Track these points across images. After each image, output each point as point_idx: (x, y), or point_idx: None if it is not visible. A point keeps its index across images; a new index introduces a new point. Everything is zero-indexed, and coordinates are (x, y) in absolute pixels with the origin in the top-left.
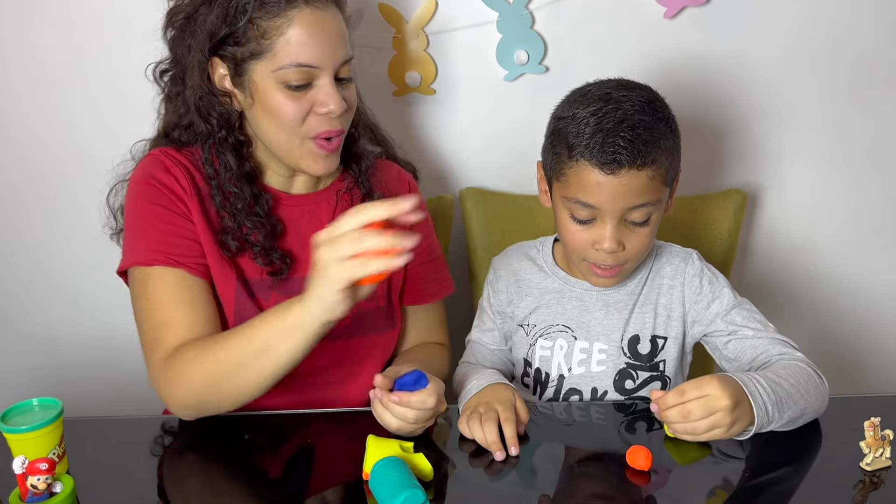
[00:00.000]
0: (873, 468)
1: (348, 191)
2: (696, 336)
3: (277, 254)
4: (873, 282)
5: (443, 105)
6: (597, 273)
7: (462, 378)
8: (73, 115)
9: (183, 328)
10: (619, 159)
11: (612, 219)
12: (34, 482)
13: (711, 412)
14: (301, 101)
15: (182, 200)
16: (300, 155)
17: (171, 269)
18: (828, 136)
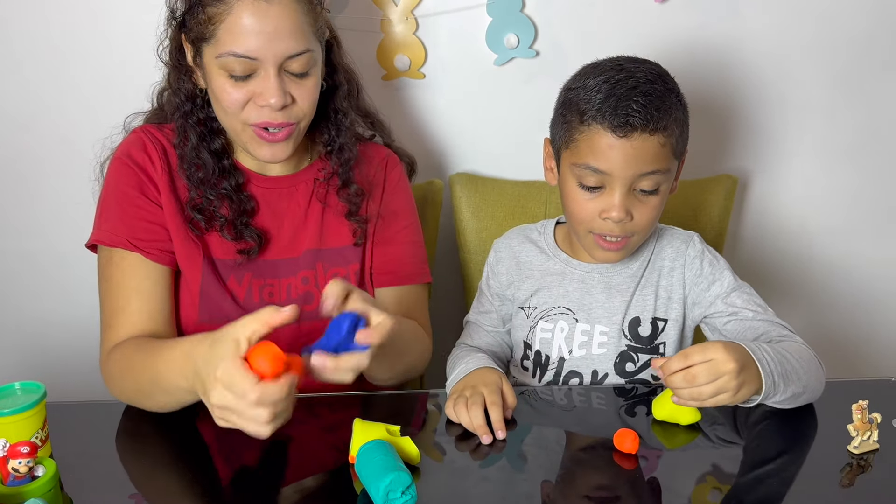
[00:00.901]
0: (861, 451)
1: (326, 180)
2: (696, 318)
3: (250, 231)
4: (863, 267)
5: (432, 89)
6: (603, 246)
7: (453, 362)
8: (57, 100)
9: (133, 317)
10: (632, 122)
11: (621, 186)
12: (15, 465)
13: (717, 376)
14: (241, 90)
15: (152, 181)
16: (245, 140)
17: (130, 252)
18: (819, 122)
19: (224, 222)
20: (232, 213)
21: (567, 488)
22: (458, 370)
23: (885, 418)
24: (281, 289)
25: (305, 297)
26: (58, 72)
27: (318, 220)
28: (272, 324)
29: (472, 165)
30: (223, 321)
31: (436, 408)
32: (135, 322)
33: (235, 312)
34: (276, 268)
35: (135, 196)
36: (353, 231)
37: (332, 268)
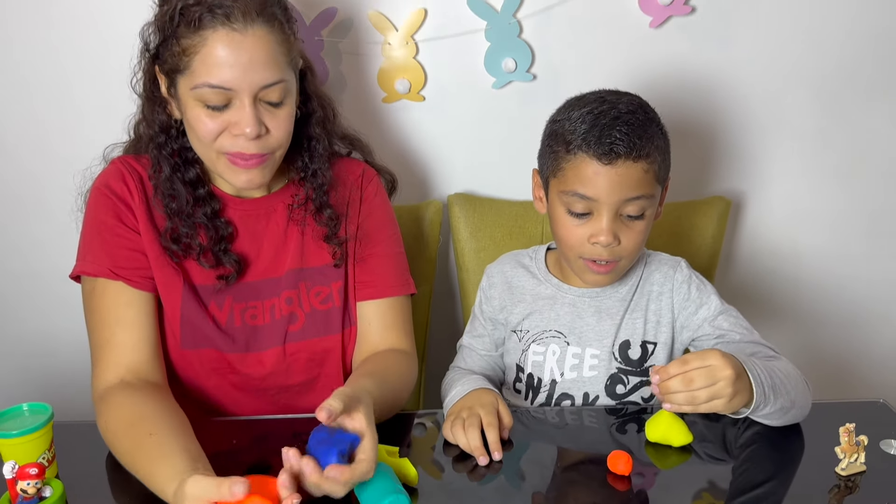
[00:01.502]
0: (848, 473)
1: (301, 206)
2: (684, 342)
3: (228, 257)
4: (853, 288)
5: (431, 112)
6: (593, 269)
7: (448, 384)
8: (61, 121)
9: (119, 350)
10: (616, 150)
11: (608, 211)
12: (24, 487)
13: (713, 381)
14: (216, 121)
15: (130, 210)
16: (220, 169)
17: (113, 282)
18: (810, 144)
19: (201, 250)
20: (209, 241)
21: None
22: (454, 392)
23: (873, 439)
24: (264, 310)
25: (290, 318)
26: (62, 94)
27: (297, 241)
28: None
29: (470, 186)
30: (206, 347)
31: (434, 425)
32: (120, 355)
33: (218, 337)
34: (257, 289)
35: (114, 225)
36: (331, 253)
37: (314, 286)
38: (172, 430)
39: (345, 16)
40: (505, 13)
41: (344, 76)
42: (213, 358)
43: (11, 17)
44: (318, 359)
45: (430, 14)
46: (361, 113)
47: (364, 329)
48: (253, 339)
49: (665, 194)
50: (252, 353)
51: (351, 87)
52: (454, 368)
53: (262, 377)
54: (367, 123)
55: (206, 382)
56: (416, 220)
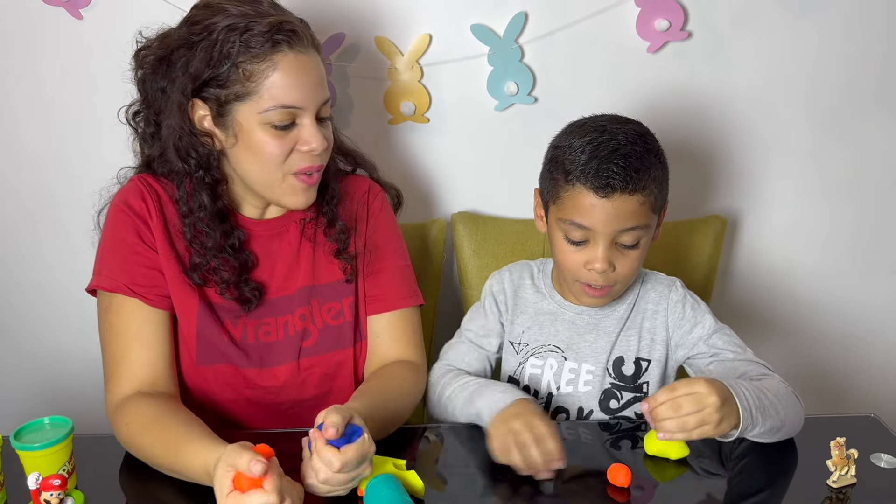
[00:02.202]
0: (839, 485)
1: (312, 220)
2: (679, 360)
3: (249, 286)
4: (849, 304)
5: (436, 133)
6: (588, 293)
7: (469, 391)
8: (75, 138)
9: (134, 366)
10: (612, 184)
11: (603, 240)
12: (47, 497)
13: (701, 407)
14: (284, 140)
15: (149, 228)
16: (282, 192)
17: (129, 298)
18: (805, 164)
19: (226, 286)
20: (233, 275)
21: None
22: (493, 399)
23: (864, 453)
24: (278, 327)
25: (304, 334)
26: (82, 113)
27: (309, 258)
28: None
29: (473, 205)
30: (222, 363)
31: (437, 438)
32: (136, 371)
33: (234, 353)
34: (271, 307)
35: (133, 242)
36: (342, 268)
37: (326, 302)
38: (197, 421)
39: (353, 41)
40: (507, 39)
41: (351, 99)
42: (228, 373)
43: (36, 35)
44: (331, 373)
45: (435, 39)
46: (368, 134)
47: (374, 342)
48: (267, 355)
49: (663, 217)
50: (267, 369)
51: (358, 109)
52: (454, 370)
53: (277, 391)
54: (373, 144)
55: (221, 397)
56: (420, 238)
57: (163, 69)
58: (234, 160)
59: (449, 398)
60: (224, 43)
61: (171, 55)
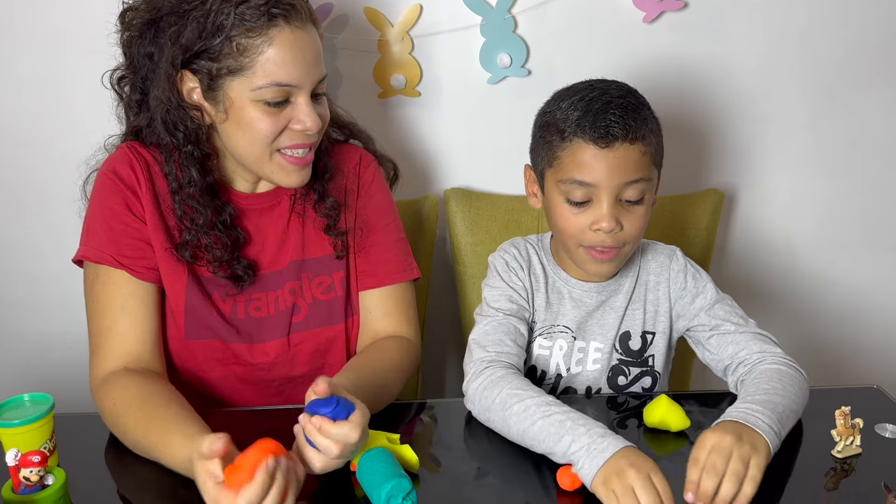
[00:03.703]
0: (844, 455)
1: (303, 195)
2: (679, 330)
3: (241, 264)
4: (847, 278)
5: (427, 107)
6: (595, 258)
7: (555, 421)
8: (54, 119)
9: (121, 339)
10: (612, 132)
11: (608, 196)
12: (27, 474)
13: (728, 455)
14: (277, 118)
15: (137, 197)
16: (271, 170)
17: (116, 270)
18: (802, 137)
19: (217, 264)
20: (225, 252)
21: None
22: (588, 443)
23: (868, 424)
24: (269, 303)
25: (294, 309)
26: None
27: (298, 232)
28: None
29: (466, 181)
30: (211, 338)
31: (431, 419)
32: (123, 345)
33: (223, 328)
34: (262, 282)
35: (120, 212)
36: (332, 244)
37: (316, 277)
38: (183, 406)
39: (341, 12)
40: (500, 9)
41: (340, 72)
42: (217, 349)
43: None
44: (323, 349)
45: (426, 10)
46: (357, 108)
47: (366, 318)
48: (256, 331)
49: (659, 182)
50: (256, 345)
51: (347, 82)
52: (512, 374)
53: (267, 368)
54: (363, 119)
55: (210, 374)
56: (412, 215)
57: (150, 34)
58: (224, 135)
59: (519, 416)
60: (217, 14)
61: (159, 21)
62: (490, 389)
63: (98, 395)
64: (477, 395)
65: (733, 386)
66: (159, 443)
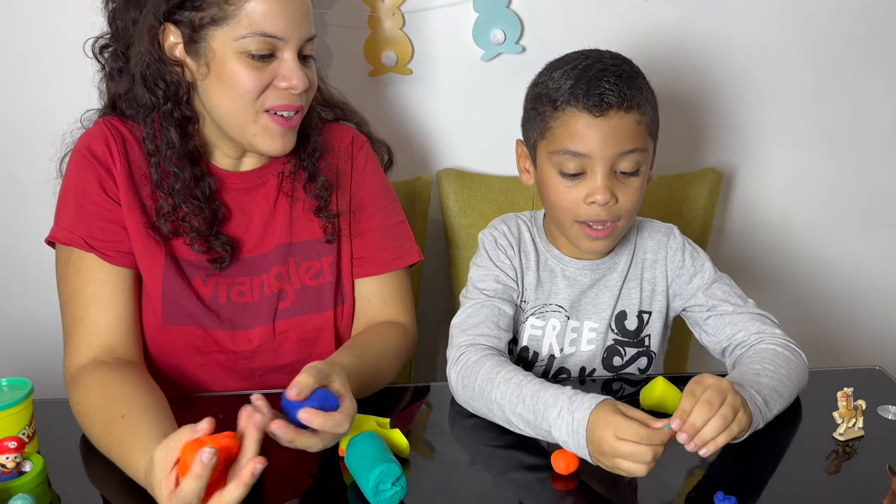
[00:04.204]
0: (846, 438)
1: (292, 174)
2: (676, 310)
3: (220, 241)
4: (846, 259)
5: (419, 85)
6: (590, 234)
7: (530, 393)
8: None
9: (93, 329)
10: (607, 100)
11: (602, 167)
12: (2, 461)
13: (723, 398)
14: (262, 73)
15: (112, 177)
16: (254, 132)
17: (87, 253)
18: (803, 115)
19: (195, 236)
20: (203, 225)
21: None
22: (566, 409)
23: (870, 406)
24: (253, 288)
25: (280, 294)
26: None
27: (286, 214)
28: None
29: (459, 161)
30: (189, 324)
31: (426, 406)
32: (95, 334)
33: (202, 314)
34: (246, 266)
35: (93, 192)
36: (323, 227)
37: (304, 261)
38: (146, 410)
39: None
40: None
41: (329, 49)
42: (196, 336)
43: None
44: (310, 338)
45: None
46: (348, 87)
47: (362, 306)
48: (240, 317)
49: (654, 157)
50: (239, 332)
51: (337, 60)
52: (494, 355)
53: (250, 356)
54: (353, 98)
55: (189, 361)
56: (404, 197)
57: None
58: (204, 94)
59: (499, 405)
60: None
61: None
62: (468, 378)
63: (69, 391)
64: (459, 384)
65: (731, 368)
66: (118, 456)
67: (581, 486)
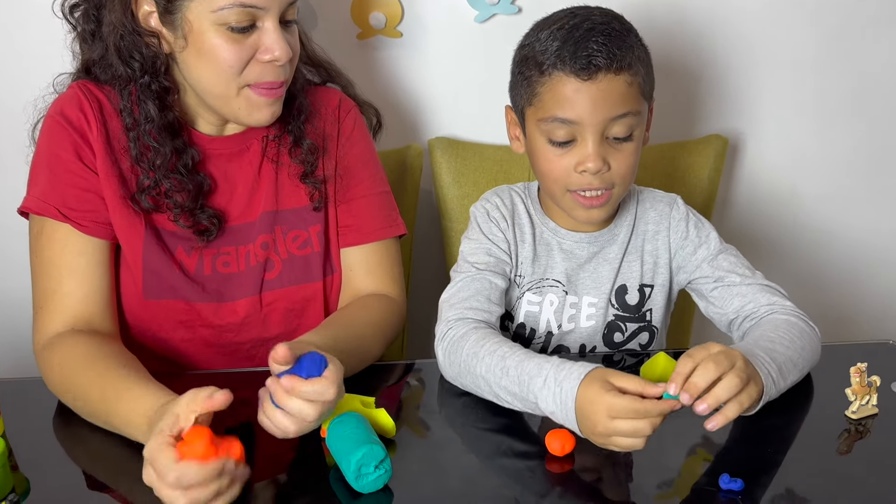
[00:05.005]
0: (859, 416)
1: (277, 138)
2: (680, 283)
3: (206, 214)
4: (855, 231)
5: (410, 49)
6: (583, 204)
7: (514, 364)
8: None
9: (67, 300)
10: (595, 62)
11: (593, 134)
12: None
13: (732, 363)
14: (242, 46)
15: (88, 144)
16: (238, 106)
17: (62, 224)
18: (809, 81)
19: (179, 212)
20: (187, 200)
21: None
22: (551, 390)
23: (884, 381)
24: (238, 257)
25: (266, 265)
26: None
27: (271, 180)
28: (211, 407)
29: (452, 129)
30: (172, 297)
31: (419, 382)
32: (69, 306)
33: (186, 287)
34: (231, 235)
35: (68, 160)
36: (309, 194)
37: (291, 230)
38: (139, 368)
39: None
40: None
41: (314, 9)
42: (180, 310)
43: None
44: (298, 308)
45: None
46: (334, 51)
47: (348, 276)
48: (225, 289)
49: (651, 117)
50: (225, 304)
51: (322, 21)
52: (483, 328)
53: (236, 330)
54: (339, 62)
55: (172, 336)
56: (394, 167)
57: None
58: (183, 67)
59: (485, 378)
60: None
61: None
62: (455, 353)
63: (42, 359)
64: (446, 361)
65: (739, 341)
66: (115, 400)
67: (577, 469)
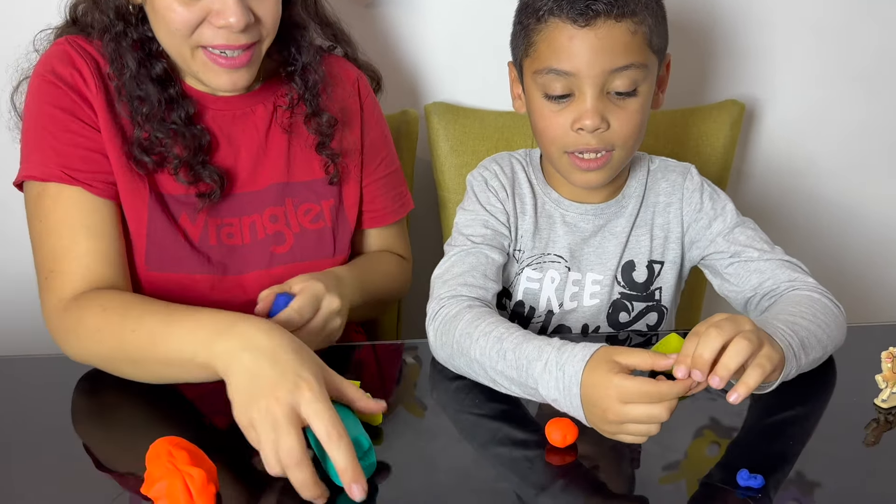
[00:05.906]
0: (890, 405)
1: (290, 107)
2: (693, 259)
3: (209, 171)
4: (878, 205)
5: (407, 8)
6: (580, 166)
7: (511, 346)
8: None
9: (86, 259)
10: (593, 7)
11: (591, 87)
12: None
13: (740, 325)
14: (192, 9)
15: (86, 101)
16: (196, 68)
17: (68, 186)
18: (833, 42)
19: (178, 164)
20: (186, 153)
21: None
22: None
23: None
24: (243, 228)
25: (276, 238)
26: None
27: (282, 150)
28: None
29: (450, 94)
30: (176, 268)
31: (415, 360)
32: (88, 265)
33: (190, 257)
34: (234, 204)
35: (66, 119)
36: (324, 166)
37: (303, 203)
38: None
39: None
40: None
41: None
42: (184, 280)
43: None
44: None
45: None
46: None
47: (363, 248)
48: (231, 261)
49: (667, 75)
50: (231, 277)
51: None
52: (476, 306)
53: (244, 305)
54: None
55: None
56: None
57: None
58: (150, 21)
59: (480, 362)
60: None
61: None
62: (447, 334)
63: (68, 318)
64: (437, 342)
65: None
66: (171, 322)
67: (579, 460)
